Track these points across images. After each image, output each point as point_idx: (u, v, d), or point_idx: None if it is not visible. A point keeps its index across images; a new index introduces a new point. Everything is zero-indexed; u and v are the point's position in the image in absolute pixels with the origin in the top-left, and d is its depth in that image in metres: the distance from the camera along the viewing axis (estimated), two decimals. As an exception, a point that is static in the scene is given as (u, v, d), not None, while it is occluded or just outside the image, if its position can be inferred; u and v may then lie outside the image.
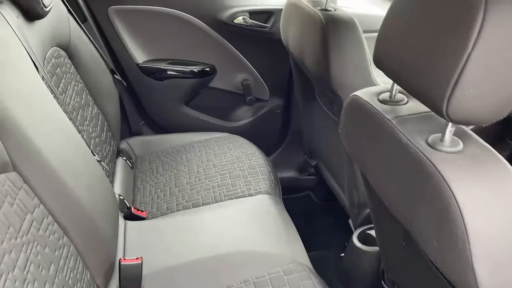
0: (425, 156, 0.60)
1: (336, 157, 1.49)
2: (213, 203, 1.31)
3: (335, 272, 1.44)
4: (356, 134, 0.83)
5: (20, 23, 1.02)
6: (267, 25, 1.66)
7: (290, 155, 1.91)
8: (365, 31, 1.19)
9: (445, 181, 0.56)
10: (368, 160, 0.80)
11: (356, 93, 0.81)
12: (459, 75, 0.53)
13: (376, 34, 0.71)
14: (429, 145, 0.62)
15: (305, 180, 1.91)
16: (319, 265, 1.18)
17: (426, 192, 0.60)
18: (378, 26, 0.71)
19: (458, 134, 0.63)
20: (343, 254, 1.39)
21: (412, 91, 0.64)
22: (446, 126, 0.61)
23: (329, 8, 1.23)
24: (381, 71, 0.72)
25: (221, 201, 1.31)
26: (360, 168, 0.90)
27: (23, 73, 0.92)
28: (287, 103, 1.85)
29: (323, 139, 1.60)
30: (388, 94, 0.76)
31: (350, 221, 1.47)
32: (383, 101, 0.75)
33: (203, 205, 1.31)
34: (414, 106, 0.72)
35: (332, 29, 1.15)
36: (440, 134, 0.63)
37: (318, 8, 1.24)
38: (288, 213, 1.33)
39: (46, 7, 1.10)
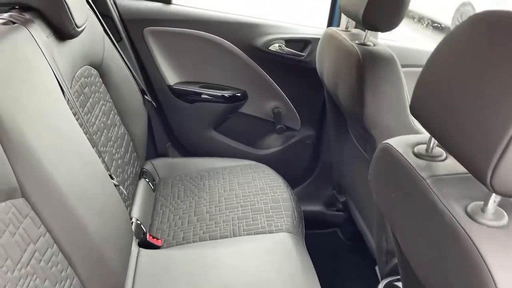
0: (463, 228, 0.52)
1: (367, 197, 1.40)
2: (231, 237, 1.25)
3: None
4: (386, 187, 0.75)
5: (49, 43, 1.01)
6: (303, 53, 1.61)
7: (318, 188, 1.82)
8: (406, 66, 1.12)
9: (485, 262, 0.48)
10: (397, 216, 0.72)
11: (389, 141, 0.73)
12: (509, 143, 0.45)
13: (417, 69, 0.63)
14: (468, 215, 0.54)
15: (332, 216, 1.82)
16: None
17: (461, 268, 0.52)
18: (421, 61, 0.64)
19: (503, 205, 0.54)
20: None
21: (452, 151, 0.56)
22: (490, 195, 0.53)
23: (368, 43, 1.16)
24: None
25: (239, 235, 1.25)
26: (388, 221, 0.82)
27: (46, 94, 0.91)
28: (318, 134, 1.78)
29: (354, 175, 1.52)
30: (424, 146, 0.68)
31: (376, 268, 1.37)
32: (418, 155, 0.67)
33: (220, 238, 1.25)
34: (454, 164, 0.63)
35: (369, 65, 1.09)
36: (482, 203, 0.54)
37: (356, 42, 1.18)
38: (312, 250, 1.25)
39: (78, 27, 1.09)
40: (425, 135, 0.70)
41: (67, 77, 1.06)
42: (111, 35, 1.41)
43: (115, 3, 1.51)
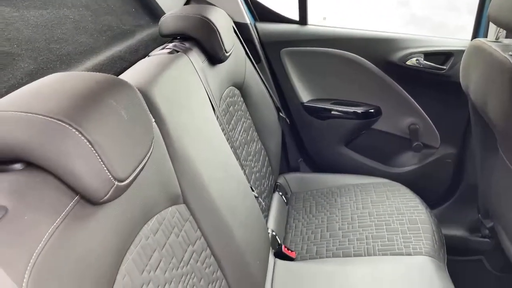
0: None
1: (521, 224, 1.24)
2: (365, 255, 1.23)
3: None
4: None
5: (204, 67, 1.14)
6: (444, 67, 1.52)
7: (460, 211, 1.68)
8: None
9: None
10: None
11: None
12: None
13: None
14: None
15: (477, 243, 1.65)
16: None
17: None
18: None
19: None
20: None
21: None
22: None
23: (524, 53, 1.05)
24: None
25: (374, 255, 1.22)
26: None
27: (201, 112, 1.03)
28: (460, 152, 1.64)
29: (504, 199, 1.36)
30: None
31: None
32: None
33: (354, 256, 1.24)
34: None
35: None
36: None
37: (510, 53, 1.08)
38: (454, 278, 1.16)
39: (227, 52, 1.21)
40: None
41: (217, 98, 1.18)
42: (251, 57, 1.53)
43: (256, 27, 1.63)
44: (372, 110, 1.65)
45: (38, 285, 0.44)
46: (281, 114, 1.65)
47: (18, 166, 0.53)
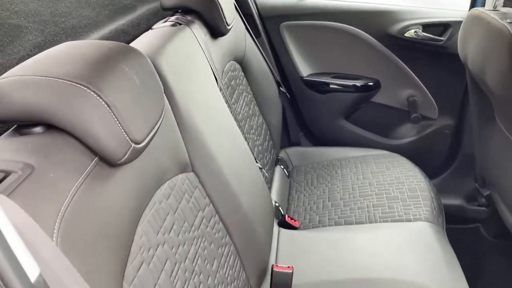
0: None
1: (517, 190, 1.28)
2: (366, 223, 1.26)
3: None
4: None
5: (206, 40, 1.15)
6: (442, 38, 1.53)
7: (457, 180, 1.72)
8: None
9: None
10: None
11: None
12: None
13: None
14: None
15: (474, 211, 1.69)
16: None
17: None
18: None
19: None
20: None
21: None
22: None
23: (523, 20, 1.07)
24: None
25: (375, 222, 1.26)
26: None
27: (206, 84, 1.04)
28: (458, 123, 1.67)
29: (501, 167, 1.40)
30: None
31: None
32: None
33: (356, 223, 1.27)
34: None
35: (524, 44, 1.00)
36: None
37: (508, 20, 1.09)
38: (452, 245, 1.20)
39: (228, 25, 1.22)
40: None
41: (219, 71, 1.20)
42: (251, 32, 1.53)
43: (255, 2, 1.63)
44: (371, 83, 1.67)
45: (67, 237, 0.46)
46: (281, 88, 1.66)
47: (38, 129, 0.55)
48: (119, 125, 0.55)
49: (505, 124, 1.28)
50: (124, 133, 0.56)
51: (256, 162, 1.21)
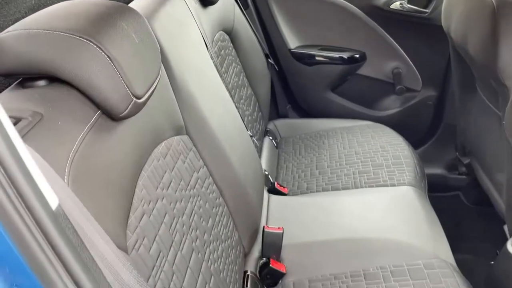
0: None
1: (496, 157, 1.34)
2: (352, 188, 1.31)
3: (482, 280, 1.31)
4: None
5: (197, 8, 1.16)
6: (427, 10, 1.57)
7: (439, 150, 1.78)
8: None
9: None
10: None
11: None
12: None
13: None
14: None
15: (454, 179, 1.76)
16: (464, 270, 1.10)
17: None
18: None
19: None
20: (493, 262, 1.26)
21: None
22: None
23: (503, -11, 1.10)
24: None
25: (361, 187, 1.31)
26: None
27: (198, 51, 1.06)
28: (441, 94, 1.72)
29: (481, 135, 1.46)
30: None
31: (505, 227, 1.32)
32: None
33: (342, 189, 1.32)
34: None
35: (504, 13, 1.04)
36: None
37: (490, -11, 1.13)
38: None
39: (218, -6, 1.23)
40: None
41: (209, 40, 1.21)
42: (240, 3, 1.54)
43: (243, -27, 1.63)
44: (357, 56, 1.70)
45: (76, 180, 0.49)
46: (269, 60, 1.68)
47: (42, 82, 0.56)
48: (120, 78, 0.57)
49: (485, 93, 1.34)
50: (126, 87, 0.58)
51: (247, 129, 1.24)
